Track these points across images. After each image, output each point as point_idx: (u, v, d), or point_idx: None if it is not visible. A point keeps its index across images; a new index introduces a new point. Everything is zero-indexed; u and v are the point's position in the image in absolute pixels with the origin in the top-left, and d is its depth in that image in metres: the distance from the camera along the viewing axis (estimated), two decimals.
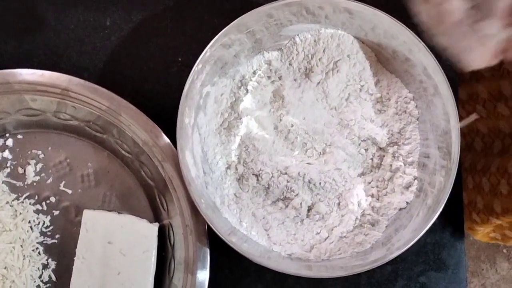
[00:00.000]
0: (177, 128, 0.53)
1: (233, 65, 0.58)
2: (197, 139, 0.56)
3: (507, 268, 1.40)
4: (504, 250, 1.41)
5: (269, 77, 0.60)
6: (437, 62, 0.54)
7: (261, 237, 0.56)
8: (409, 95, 0.58)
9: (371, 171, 0.58)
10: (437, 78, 0.54)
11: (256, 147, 0.57)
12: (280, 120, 0.58)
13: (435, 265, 0.60)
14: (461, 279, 0.60)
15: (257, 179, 0.57)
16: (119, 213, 0.57)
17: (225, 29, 0.54)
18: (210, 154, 0.57)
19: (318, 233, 0.56)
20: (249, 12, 0.55)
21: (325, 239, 0.56)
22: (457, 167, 0.53)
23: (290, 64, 0.59)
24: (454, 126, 0.53)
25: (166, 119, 0.58)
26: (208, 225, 0.54)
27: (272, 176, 0.57)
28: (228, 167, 0.58)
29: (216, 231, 0.52)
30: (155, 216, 0.59)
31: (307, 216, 0.57)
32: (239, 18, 0.54)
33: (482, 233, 0.82)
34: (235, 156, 0.58)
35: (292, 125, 0.58)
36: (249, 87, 0.59)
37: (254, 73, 0.60)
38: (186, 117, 0.54)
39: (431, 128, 0.56)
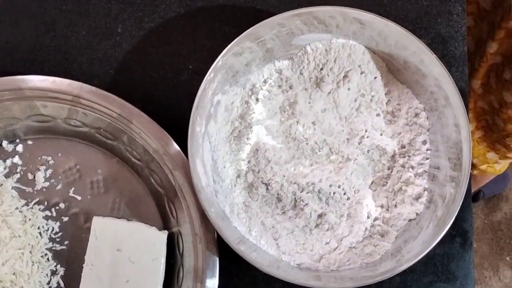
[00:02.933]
0: (188, 137, 0.53)
1: (244, 74, 0.58)
2: (207, 147, 0.56)
3: (510, 276, 1.40)
4: (508, 258, 1.41)
5: (279, 86, 0.60)
6: (448, 73, 0.54)
7: (270, 247, 0.56)
8: (419, 106, 0.58)
9: (381, 181, 0.58)
10: (448, 89, 0.54)
11: (266, 156, 0.57)
12: (291, 129, 0.58)
13: (444, 277, 0.60)
14: None
15: (267, 188, 0.57)
16: (128, 220, 0.58)
17: (237, 38, 0.54)
18: (220, 162, 0.57)
19: (327, 243, 0.56)
20: (261, 23, 0.55)
21: (334, 249, 0.56)
22: (468, 179, 0.53)
23: (301, 73, 0.59)
24: (466, 138, 0.53)
25: (176, 126, 0.58)
26: (217, 234, 0.54)
27: (282, 186, 0.57)
28: (238, 176, 0.58)
29: (225, 240, 0.52)
30: (164, 223, 0.59)
31: (316, 226, 0.57)
32: (251, 28, 0.55)
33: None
34: (245, 165, 0.58)
35: (303, 135, 0.58)
36: (260, 96, 0.59)
37: (265, 82, 0.60)
38: (197, 125, 0.54)
39: (442, 139, 0.56)
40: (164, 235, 0.56)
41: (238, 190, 0.58)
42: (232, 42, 0.54)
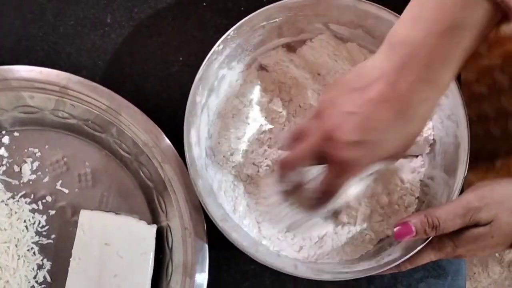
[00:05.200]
0: (187, 104, 0.52)
1: (253, 52, 0.58)
2: (205, 120, 0.56)
3: (499, 272, 1.40)
4: (497, 254, 1.41)
5: (287, 68, 0.59)
6: (458, 84, 0.53)
7: (252, 229, 0.56)
8: None
9: (372, 187, 0.57)
10: (454, 101, 0.54)
11: (262, 138, 0.57)
12: (295, 114, 0.58)
13: (435, 272, 0.60)
14: (461, 287, 0.60)
15: (258, 171, 0.56)
16: (116, 214, 0.57)
17: (252, 14, 0.54)
18: (215, 137, 0.57)
19: (308, 236, 0.56)
20: (276, 3, 0.54)
21: (315, 243, 0.55)
22: (460, 190, 0.52)
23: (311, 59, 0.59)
24: (464, 150, 0.52)
25: (166, 119, 0.57)
26: (207, 228, 0.53)
27: (273, 170, 0.56)
28: (231, 154, 0.57)
29: (209, 214, 0.51)
30: (153, 217, 0.58)
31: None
32: (266, 7, 0.54)
33: None
34: (239, 144, 0.57)
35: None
36: (266, 77, 0.59)
37: (274, 63, 0.59)
38: (198, 95, 0.53)
39: (440, 149, 0.55)
40: (153, 229, 0.55)
41: (229, 167, 0.57)
42: (246, 18, 0.54)
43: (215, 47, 0.53)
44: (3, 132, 0.59)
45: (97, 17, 0.63)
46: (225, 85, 0.57)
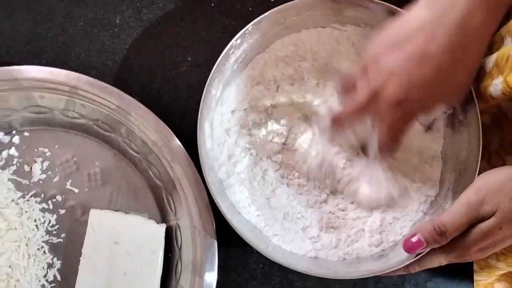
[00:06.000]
0: (202, 97, 0.52)
1: (269, 48, 0.58)
2: (218, 112, 0.56)
3: None
4: None
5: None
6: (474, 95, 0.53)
7: (262, 225, 0.55)
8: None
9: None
10: (469, 113, 0.53)
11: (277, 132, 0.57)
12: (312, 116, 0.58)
13: (443, 271, 0.60)
14: (469, 286, 0.60)
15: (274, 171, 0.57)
16: (126, 213, 0.57)
17: (272, 10, 0.54)
18: (232, 133, 0.57)
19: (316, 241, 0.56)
20: (297, 1, 0.54)
21: (325, 242, 0.56)
22: None
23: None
24: (475, 159, 0.52)
25: (174, 118, 0.57)
26: (216, 227, 0.54)
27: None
28: (247, 149, 0.57)
29: (218, 207, 0.51)
30: (162, 217, 0.58)
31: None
32: (287, 4, 0.54)
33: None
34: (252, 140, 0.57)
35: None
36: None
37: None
38: (214, 88, 0.54)
39: (452, 156, 0.55)
40: (162, 228, 0.56)
41: (242, 165, 0.57)
42: (266, 13, 0.54)
43: (233, 41, 0.53)
44: (14, 132, 0.60)
45: (106, 18, 0.64)
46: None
